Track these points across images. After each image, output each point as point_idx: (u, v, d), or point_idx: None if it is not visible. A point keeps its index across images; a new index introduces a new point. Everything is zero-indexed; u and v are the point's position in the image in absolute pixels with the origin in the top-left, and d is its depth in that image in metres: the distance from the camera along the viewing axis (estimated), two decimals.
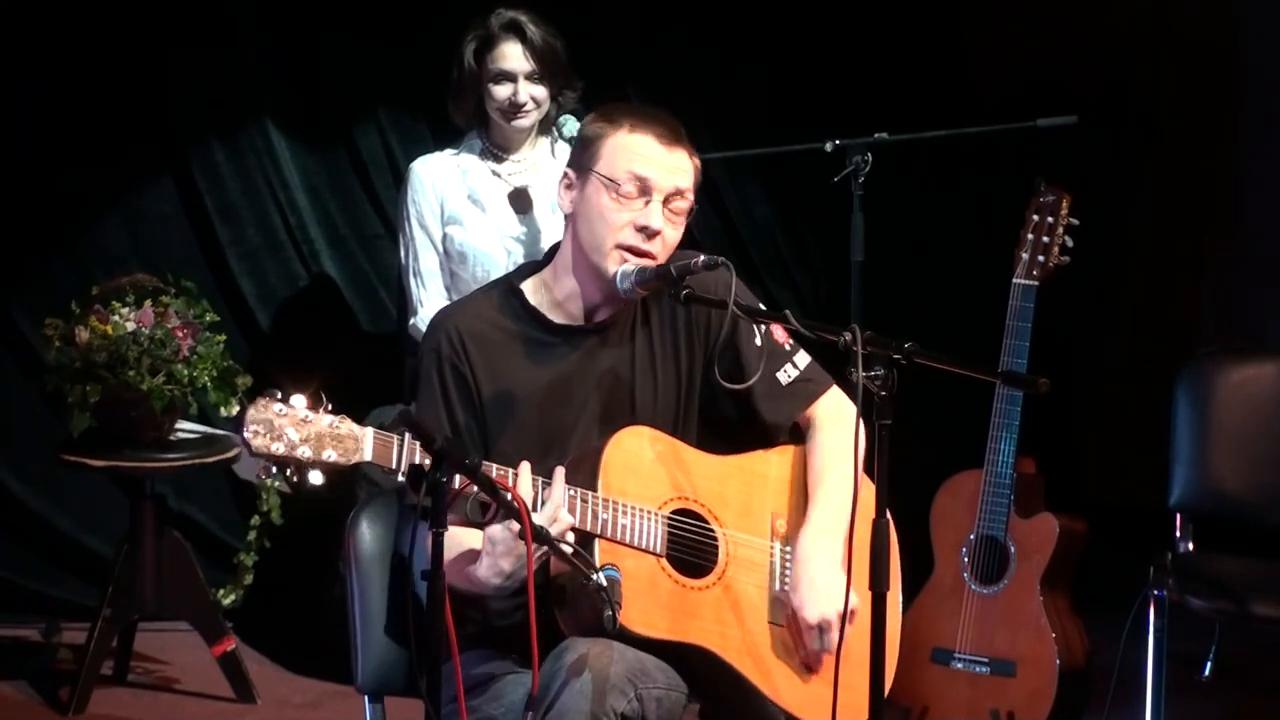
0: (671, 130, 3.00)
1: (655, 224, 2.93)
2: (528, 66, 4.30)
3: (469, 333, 2.96)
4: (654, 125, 2.98)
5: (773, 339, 3.08)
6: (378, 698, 3.03)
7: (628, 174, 2.94)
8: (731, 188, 5.73)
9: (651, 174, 2.94)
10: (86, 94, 5.11)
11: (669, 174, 2.96)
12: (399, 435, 2.69)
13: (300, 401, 2.64)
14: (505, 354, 2.97)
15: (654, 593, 2.87)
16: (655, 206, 2.94)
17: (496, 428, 2.93)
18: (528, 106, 4.31)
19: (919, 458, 4.29)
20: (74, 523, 5.20)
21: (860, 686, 2.79)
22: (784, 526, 3.05)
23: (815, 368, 3.12)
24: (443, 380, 2.94)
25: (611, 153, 2.95)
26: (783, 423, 3.10)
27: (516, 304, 3.01)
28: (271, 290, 5.35)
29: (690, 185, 3.00)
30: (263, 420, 2.61)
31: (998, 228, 4.49)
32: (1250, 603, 4.02)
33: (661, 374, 3.04)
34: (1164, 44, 5.73)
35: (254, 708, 4.68)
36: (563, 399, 2.97)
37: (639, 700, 2.76)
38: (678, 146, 2.99)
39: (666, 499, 2.94)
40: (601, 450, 2.90)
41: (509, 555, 2.78)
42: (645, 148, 2.96)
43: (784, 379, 3.08)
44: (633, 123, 2.98)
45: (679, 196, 2.97)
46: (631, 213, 2.93)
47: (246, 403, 4.52)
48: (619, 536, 2.86)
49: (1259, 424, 4.33)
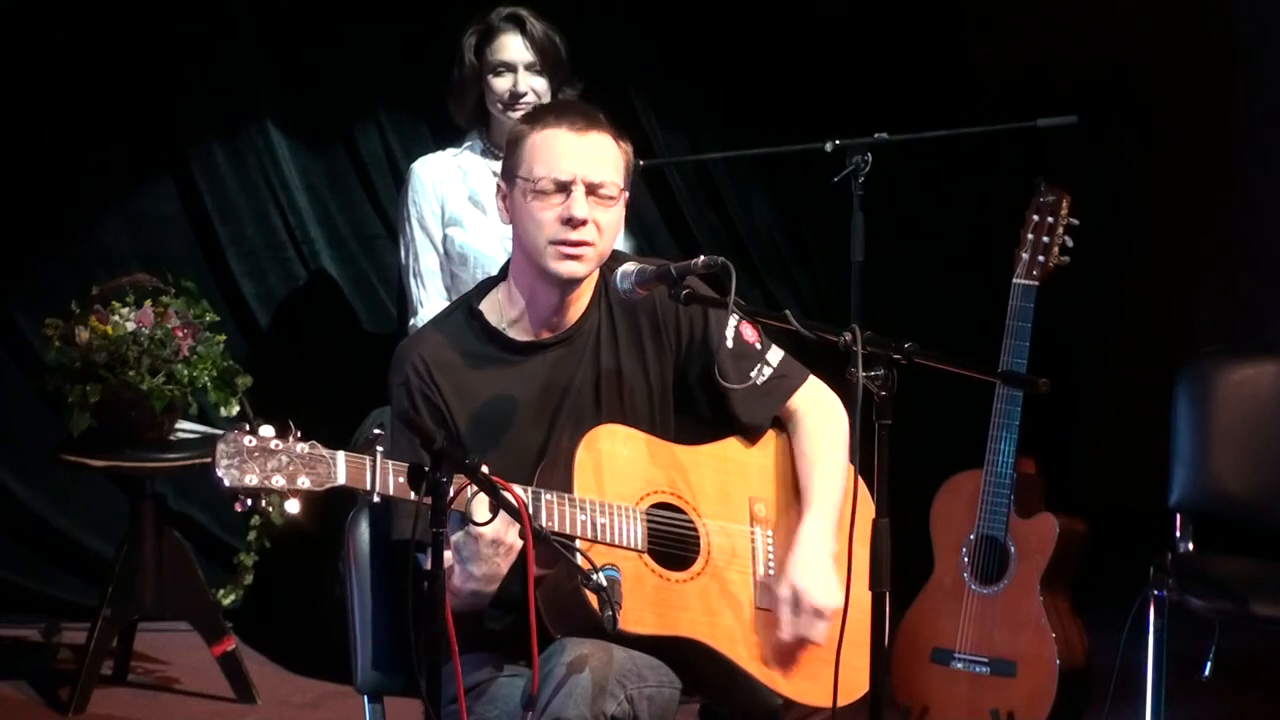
0: (584, 117, 2.97)
1: (579, 213, 2.91)
2: (528, 57, 4.30)
3: (434, 361, 2.97)
4: (566, 116, 2.97)
5: (743, 340, 3.08)
6: (377, 698, 3.04)
7: (545, 171, 2.93)
8: (731, 188, 5.74)
9: (567, 166, 2.93)
10: (87, 94, 5.11)
11: (584, 163, 2.93)
12: (371, 457, 2.69)
13: (269, 431, 2.64)
14: (473, 378, 2.97)
15: (640, 590, 2.88)
16: (578, 196, 2.92)
17: (474, 451, 2.93)
18: (528, 97, 4.31)
19: (919, 458, 4.31)
20: (74, 523, 5.20)
21: (855, 666, 2.81)
22: (764, 511, 3.05)
23: (789, 362, 3.13)
24: (415, 410, 2.94)
25: (530, 154, 2.95)
26: (761, 422, 3.10)
27: (477, 326, 3.02)
28: (271, 290, 5.35)
29: (614, 169, 2.96)
30: (234, 455, 2.61)
31: (998, 228, 4.49)
32: (1250, 603, 4.02)
33: (630, 377, 3.04)
34: (1164, 44, 5.73)
35: (254, 708, 4.68)
36: (536, 414, 2.98)
37: (629, 701, 2.76)
38: (592, 131, 2.96)
39: (643, 495, 2.95)
40: (573, 452, 2.91)
41: (475, 560, 2.80)
42: (559, 142, 2.94)
43: (760, 379, 3.08)
44: (545, 120, 2.97)
45: (603, 184, 2.94)
46: (555, 208, 2.93)
47: (247, 403, 4.59)
48: (599, 537, 2.86)
49: (1259, 424, 4.33)
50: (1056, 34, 5.76)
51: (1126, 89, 5.77)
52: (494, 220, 4.39)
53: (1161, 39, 5.72)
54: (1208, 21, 5.70)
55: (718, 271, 2.83)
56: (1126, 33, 5.73)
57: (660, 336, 3.06)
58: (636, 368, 3.04)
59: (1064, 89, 5.50)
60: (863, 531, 2.80)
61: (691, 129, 5.64)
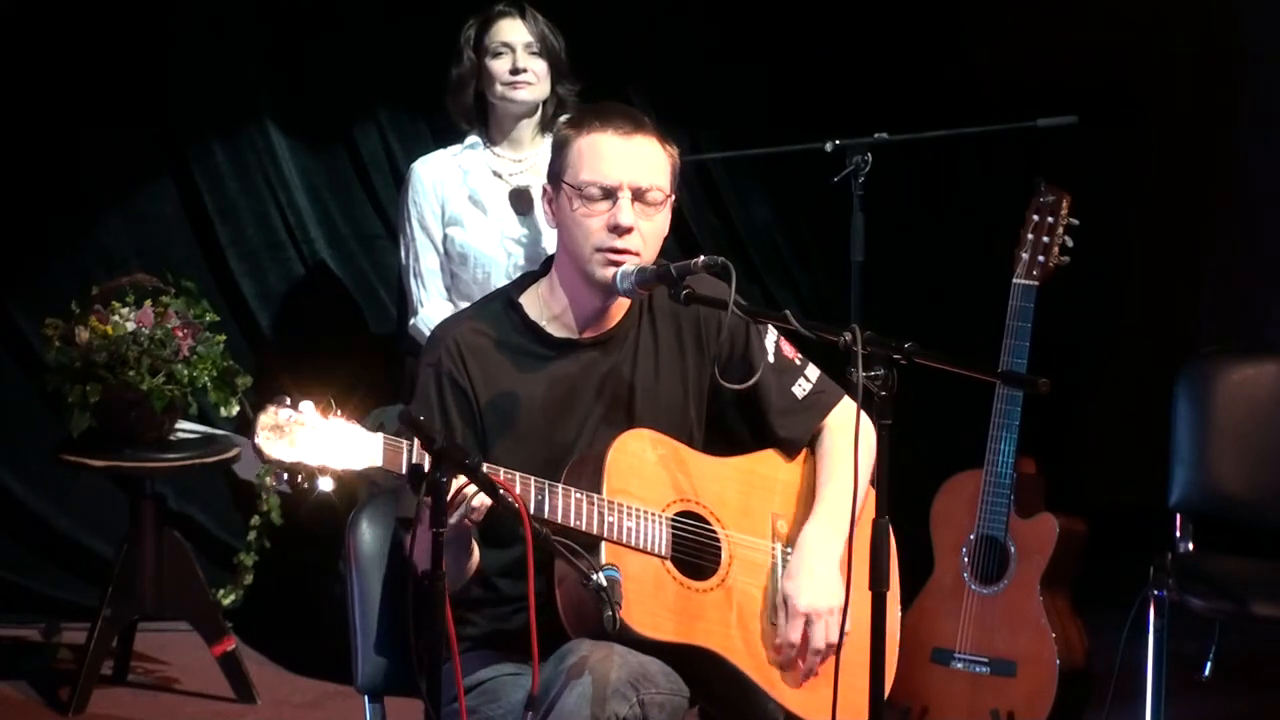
0: (631, 121, 2.94)
1: (625, 221, 2.90)
2: (527, 38, 4.33)
3: (469, 347, 2.96)
4: (612, 121, 2.94)
5: (783, 354, 3.08)
6: (377, 698, 3.03)
7: (591, 177, 2.92)
8: (731, 188, 5.74)
9: (613, 172, 2.91)
10: (87, 94, 5.11)
11: (631, 169, 2.92)
12: (409, 441, 2.69)
13: (310, 407, 2.63)
14: (505, 368, 2.96)
15: (660, 595, 2.88)
16: (624, 203, 2.91)
17: (496, 441, 2.93)
18: (527, 76, 4.32)
19: (919, 458, 4.31)
20: (74, 523, 5.20)
21: (861, 688, 2.79)
22: (785, 527, 3.05)
23: (826, 379, 3.12)
24: (441, 393, 2.94)
25: (576, 159, 2.94)
26: (800, 437, 3.10)
27: (516, 318, 3.00)
28: (271, 290, 5.35)
29: (661, 173, 2.95)
30: (274, 426, 2.60)
31: (998, 228, 4.49)
32: (1250, 603, 4.02)
33: (666, 385, 3.03)
34: (1164, 44, 5.73)
35: (254, 708, 4.68)
36: (563, 411, 2.97)
37: (640, 705, 2.75)
38: (638, 135, 2.94)
39: (669, 501, 2.94)
40: (605, 453, 2.90)
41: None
42: (605, 147, 2.93)
43: (799, 393, 3.08)
44: (591, 124, 2.95)
45: (650, 189, 2.93)
46: (602, 215, 2.92)
47: (247, 403, 4.59)
48: (624, 539, 2.86)
49: (1259, 424, 4.33)
50: (1056, 34, 5.76)
51: (1126, 89, 5.77)
52: (494, 220, 4.39)
53: (1161, 39, 5.72)
54: (1208, 21, 5.70)
55: (718, 271, 2.83)
56: (1126, 33, 5.73)
57: (702, 348, 3.05)
58: (673, 376, 3.04)
59: (1064, 89, 5.49)
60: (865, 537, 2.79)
61: (691, 129, 5.63)
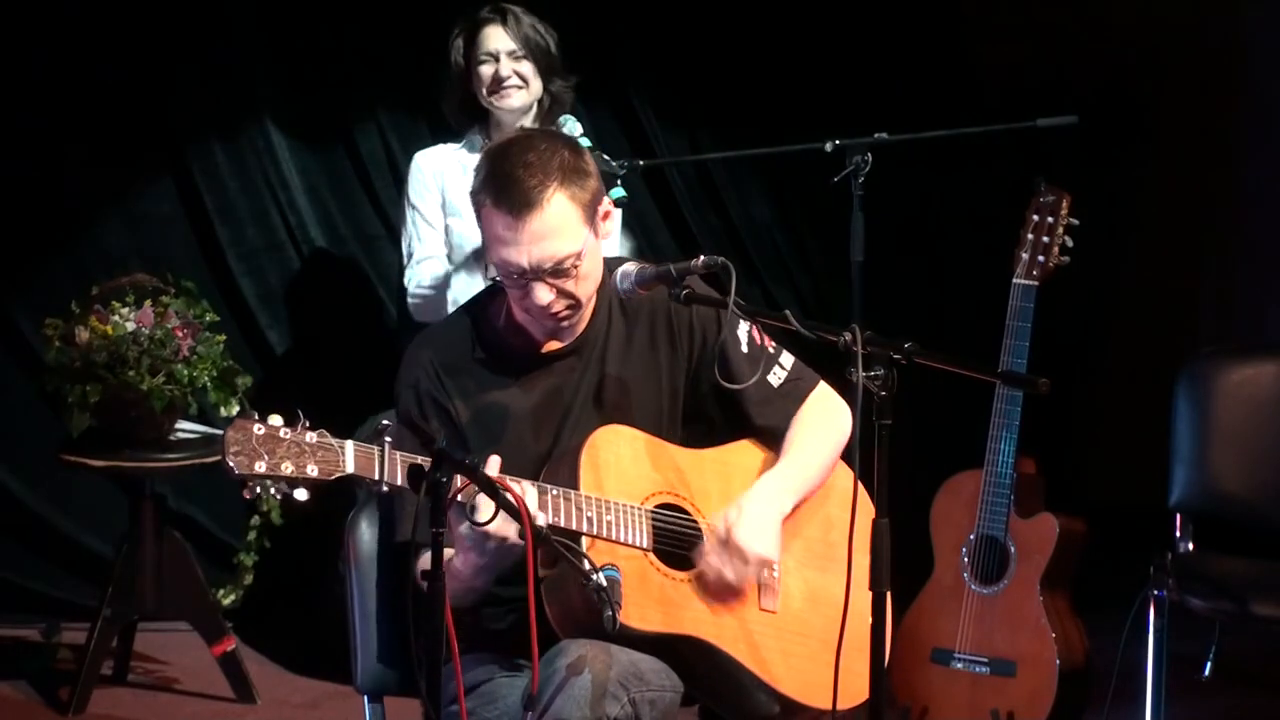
0: (520, 192, 2.82)
1: (541, 301, 2.87)
2: (510, 45, 4.36)
3: (444, 365, 2.97)
4: (503, 198, 2.83)
5: (756, 343, 3.08)
6: (377, 698, 3.04)
7: (498, 259, 2.88)
8: (731, 188, 5.74)
9: (514, 257, 2.85)
10: (87, 94, 5.12)
11: (530, 253, 2.84)
12: (379, 447, 2.69)
13: (277, 420, 2.64)
14: (480, 383, 2.98)
15: (645, 587, 2.88)
16: (534, 287, 2.87)
17: (479, 456, 2.93)
18: (512, 81, 4.35)
19: (919, 458, 4.31)
20: (74, 523, 5.20)
21: (851, 669, 2.80)
22: None
23: (801, 365, 3.13)
24: (423, 413, 2.95)
25: (485, 228, 2.89)
26: (778, 424, 3.09)
27: (485, 333, 3.01)
28: (271, 290, 5.35)
29: (565, 237, 2.84)
30: (242, 442, 2.61)
31: (998, 228, 4.49)
32: (1250, 603, 4.01)
33: (639, 382, 3.03)
34: (1164, 44, 5.73)
35: (254, 708, 4.68)
36: (543, 419, 2.99)
37: (632, 704, 2.75)
38: (529, 212, 2.81)
39: (648, 494, 2.95)
40: (579, 450, 2.91)
41: (478, 550, 2.78)
42: (501, 229, 2.85)
43: (775, 381, 3.09)
44: (485, 197, 2.86)
45: (554, 264, 2.85)
46: (520, 293, 2.89)
47: (247, 403, 4.59)
48: (605, 533, 2.87)
49: (1259, 424, 4.32)
50: (1056, 34, 5.76)
51: (1126, 89, 5.77)
52: None
53: (1162, 38, 5.72)
54: (1209, 21, 5.70)
55: (718, 271, 2.83)
56: (1127, 33, 5.74)
57: (675, 341, 3.05)
58: (646, 372, 3.04)
59: (1064, 89, 5.50)
60: (862, 539, 2.79)
61: (691, 129, 5.64)
